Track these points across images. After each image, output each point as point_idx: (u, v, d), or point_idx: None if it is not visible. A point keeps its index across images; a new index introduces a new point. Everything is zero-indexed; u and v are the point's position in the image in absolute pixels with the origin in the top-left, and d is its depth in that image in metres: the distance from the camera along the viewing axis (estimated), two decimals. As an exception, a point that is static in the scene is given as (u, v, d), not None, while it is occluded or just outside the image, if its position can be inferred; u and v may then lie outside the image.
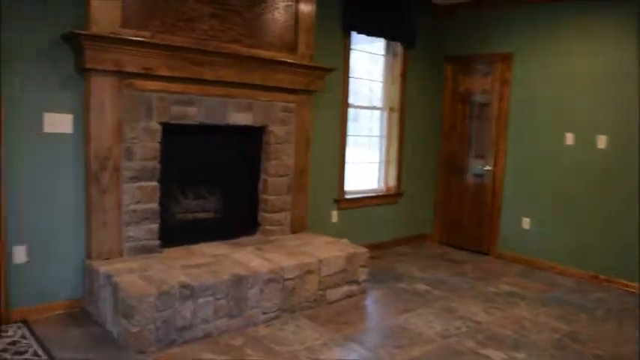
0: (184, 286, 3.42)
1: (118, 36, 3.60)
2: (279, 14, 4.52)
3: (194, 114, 4.10)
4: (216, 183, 4.65)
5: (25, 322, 3.57)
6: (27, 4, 3.46)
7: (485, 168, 6.06)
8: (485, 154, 6.07)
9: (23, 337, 3.36)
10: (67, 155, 3.73)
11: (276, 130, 4.63)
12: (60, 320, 3.66)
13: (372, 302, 4.45)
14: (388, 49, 6.07)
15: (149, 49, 3.74)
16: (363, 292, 4.55)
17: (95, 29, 3.54)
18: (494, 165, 5.98)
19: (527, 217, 5.71)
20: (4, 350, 3.17)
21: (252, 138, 4.62)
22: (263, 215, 4.74)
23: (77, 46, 3.53)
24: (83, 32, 3.47)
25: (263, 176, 4.71)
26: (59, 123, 3.68)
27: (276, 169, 4.70)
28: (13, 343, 3.27)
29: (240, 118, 4.37)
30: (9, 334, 3.39)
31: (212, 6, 4.09)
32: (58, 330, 3.50)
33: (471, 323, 4.01)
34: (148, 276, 3.51)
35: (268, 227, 4.73)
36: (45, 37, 3.55)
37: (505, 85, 5.84)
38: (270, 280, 3.85)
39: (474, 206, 6.22)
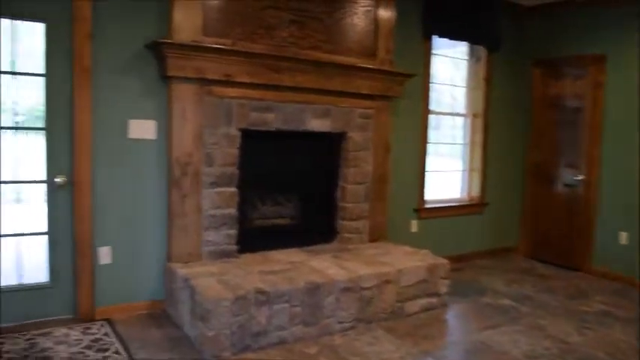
0: (260, 291, 3.41)
1: (199, 44, 3.68)
2: (358, 19, 4.47)
3: (272, 120, 4.12)
4: (293, 189, 4.64)
5: (108, 320, 3.70)
6: (114, 15, 3.62)
7: (577, 177, 5.67)
8: (578, 163, 5.69)
9: (106, 334, 3.48)
10: (150, 160, 3.85)
11: (354, 136, 4.56)
12: (141, 320, 3.76)
13: (453, 316, 4.26)
14: (471, 53, 5.86)
15: (229, 57, 3.80)
16: (444, 305, 4.36)
17: (177, 38, 3.64)
18: (588, 174, 5.58)
19: (625, 231, 5.28)
20: (88, 347, 3.29)
21: (330, 144, 4.58)
22: (341, 223, 4.67)
23: (160, 55, 3.64)
24: (166, 41, 3.57)
25: (341, 183, 4.64)
26: (143, 129, 3.81)
27: (354, 176, 4.63)
28: (97, 340, 3.39)
29: (318, 124, 4.34)
30: (93, 331, 3.52)
31: (292, 13, 4.10)
32: (139, 330, 3.59)
33: (561, 344, 3.72)
34: (224, 280, 3.53)
35: (346, 235, 4.66)
36: (130, 47, 3.69)
37: (599, 89, 5.45)
38: (346, 289, 3.76)
39: (565, 218, 5.83)
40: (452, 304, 4.43)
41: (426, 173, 5.46)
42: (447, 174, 6.05)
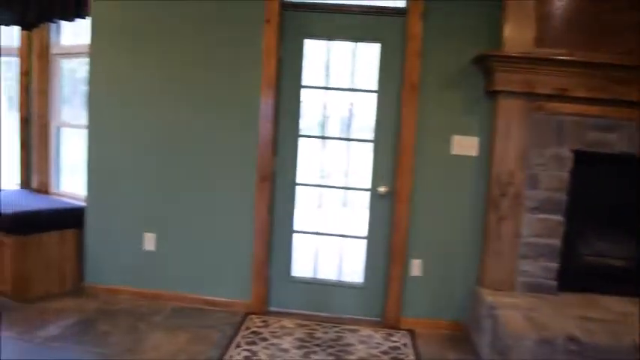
0: (572, 338, 2.93)
1: (531, 55, 3.39)
2: None
3: (615, 141, 3.48)
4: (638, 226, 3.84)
5: (411, 331, 3.73)
6: (442, 33, 3.64)
7: None
8: None
9: (405, 345, 3.51)
10: (469, 178, 3.74)
11: None
12: (441, 339, 3.67)
13: None
14: None
15: (565, 68, 3.38)
16: None
17: (507, 50, 3.43)
18: None
19: None
20: (385, 352, 3.38)
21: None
22: None
23: (487, 69, 3.50)
24: (493, 53, 3.42)
25: None
26: (466, 146, 3.72)
27: None
28: (395, 348, 3.46)
29: (679, 149, 3.50)
30: (394, 338, 3.61)
31: (649, 13, 3.42)
32: (437, 349, 3.51)
33: None
34: (532, 317, 3.16)
35: None
36: (456, 62, 3.66)
37: None
38: (695, 362, 2.92)
39: None
40: None
41: None
42: None
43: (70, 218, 4.10)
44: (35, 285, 3.91)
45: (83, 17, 4.14)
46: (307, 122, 3.92)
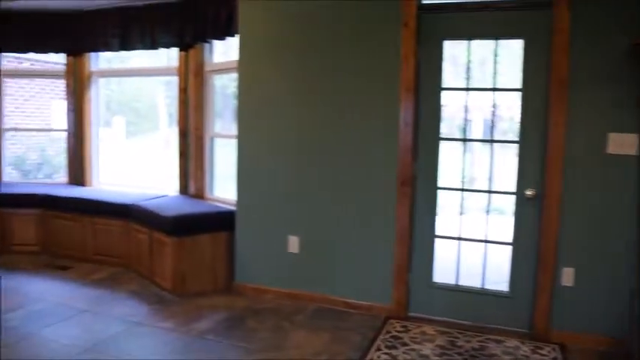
0: None
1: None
2: None
3: None
4: None
5: (561, 345, 3.46)
6: (592, 24, 3.38)
7: None
8: None
9: (555, 360, 3.28)
10: (628, 179, 3.39)
11: None
12: (596, 356, 3.35)
13: None
14: None
15: None
16: None
17: (671, 36, 3.11)
18: None
19: None
20: (531, 366, 3.19)
21: None
22: None
23: (646, 58, 3.19)
24: (653, 42, 3.10)
25: None
26: (623, 144, 3.39)
27: None
28: (544, 363, 3.25)
29: None
30: (543, 352, 3.37)
31: None
32: (592, 366, 3.23)
33: None
34: None
35: None
36: (609, 54, 3.37)
37: None
38: None
39: None
40: None
41: None
42: None
43: (222, 221, 4.42)
44: (191, 282, 4.26)
45: (232, 35, 4.47)
46: (448, 125, 3.83)
